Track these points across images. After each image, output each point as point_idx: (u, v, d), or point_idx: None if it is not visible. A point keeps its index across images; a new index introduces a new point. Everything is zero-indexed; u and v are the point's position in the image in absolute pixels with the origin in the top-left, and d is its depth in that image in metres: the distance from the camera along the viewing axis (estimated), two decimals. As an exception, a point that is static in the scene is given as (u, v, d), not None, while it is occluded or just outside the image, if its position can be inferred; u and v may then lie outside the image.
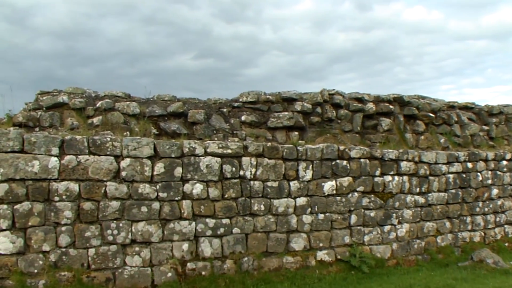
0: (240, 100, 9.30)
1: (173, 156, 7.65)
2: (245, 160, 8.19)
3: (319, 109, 9.81)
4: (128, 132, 7.98)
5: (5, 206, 6.80)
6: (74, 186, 7.16)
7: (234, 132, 8.85)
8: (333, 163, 9.13)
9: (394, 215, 9.87)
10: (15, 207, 6.85)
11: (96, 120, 7.99)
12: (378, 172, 9.66)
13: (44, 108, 8.01)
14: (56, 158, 7.10)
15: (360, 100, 10.52)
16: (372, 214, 9.57)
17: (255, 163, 8.27)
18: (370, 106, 10.54)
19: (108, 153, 7.31)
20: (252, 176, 8.26)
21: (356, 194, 9.39)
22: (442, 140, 11.54)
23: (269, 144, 8.38)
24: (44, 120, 7.90)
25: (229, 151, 8.00)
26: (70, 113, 7.97)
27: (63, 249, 7.09)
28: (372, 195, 9.58)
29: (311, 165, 8.85)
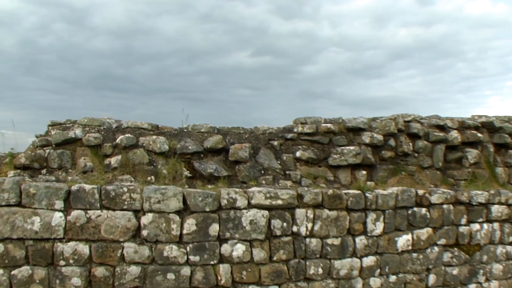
0: (295, 130, 7.54)
1: (207, 210, 6.03)
2: (299, 212, 6.47)
3: (392, 141, 7.93)
4: (153, 177, 6.45)
5: (0, 271, 5.52)
6: (84, 248, 5.71)
7: (287, 172, 7.15)
8: (409, 211, 7.29)
9: (481, 271, 7.93)
10: (12, 272, 5.56)
11: (114, 160, 6.48)
12: (464, 220, 7.73)
13: (53, 145, 6.58)
14: (60, 214, 5.68)
15: (442, 128, 8.55)
16: (455, 271, 7.67)
17: (312, 216, 6.55)
18: (454, 135, 8.56)
19: (125, 207, 5.79)
20: (308, 233, 6.53)
21: (436, 248, 7.51)
22: (540, 174, 9.41)
23: (330, 191, 6.62)
24: (53, 161, 6.47)
25: (280, 202, 6.31)
26: (84, 151, 6.51)
27: (70, 325, 5.64)
28: (455, 248, 7.68)
29: (382, 216, 7.03)
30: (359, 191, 6.91)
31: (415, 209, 7.34)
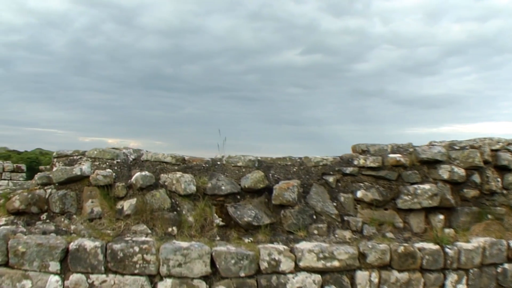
0: (355, 163, 6.01)
1: (242, 275, 4.68)
2: (361, 276, 5.03)
3: (476, 177, 6.29)
4: (175, 228, 5.12)
5: None
6: (85, 321, 4.49)
7: (345, 218, 5.67)
8: (499, 269, 5.75)
9: None
10: None
11: (127, 205, 5.17)
12: None
13: (56, 184, 5.35)
14: (57, 277, 4.54)
15: (537, 157, 6.82)
16: None
17: (377, 280, 5.08)
18: (553, 166, 6.83)
19: (136, 271, 4.53)
20: (371, 301, 5.10)
21: (530, 314, 5.93)
22: None
23: (401, 248, 5.15)
24: (54, 204, 5.24)
25: (336, 263, 4.89)
26: (92, 192, 5.26)
27: None
28: (554, 313, 6.06)
29: (465, 277, 5.50)
30: (437, 246, 5.42)
31: (506, 265, 5.85)
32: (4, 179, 17.13)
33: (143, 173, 5.31)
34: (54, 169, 5.36)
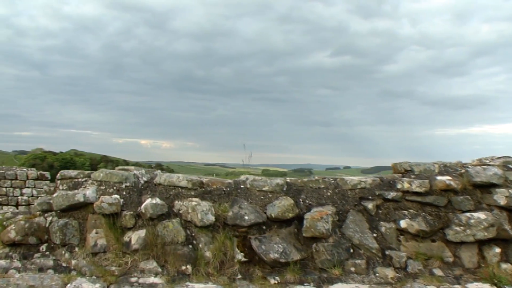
0: (398, 187, 5.22)
1: (267, 325, 3.99)
2: (406, 325, 4.29)
3: (538, 203, 5.46)
4: (189, 266, 4.45)
5: None
6: None
7: (386, 252, 4.91)
8: None
9: None
10: None
11: (135, 238, 4.52)
12: None
13: (57, 211, 4.75)
14: (51, 325, 3.87)
15: None
16: None
17: (425, 329, 4.34)
18: None
19: (143, 320, 3.88)
20: None
21: None
22: None
23: (454, 293, 4.39)
24: (54, 234, 4.64)
25: (377, 311, 4.16)
26: (97, 221, 4.64)
27: None
28: None
29: (529, 326, 4.70)
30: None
31: None
32: (28, 187, 16.88)
33: (154, 201, 4.64)
34: (56, 193, 4.76)
